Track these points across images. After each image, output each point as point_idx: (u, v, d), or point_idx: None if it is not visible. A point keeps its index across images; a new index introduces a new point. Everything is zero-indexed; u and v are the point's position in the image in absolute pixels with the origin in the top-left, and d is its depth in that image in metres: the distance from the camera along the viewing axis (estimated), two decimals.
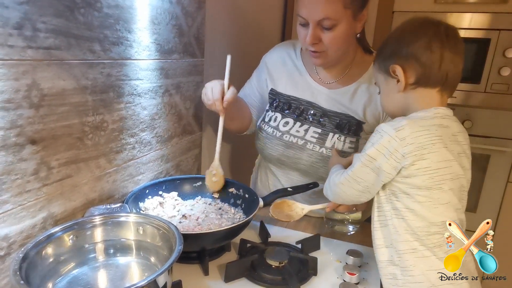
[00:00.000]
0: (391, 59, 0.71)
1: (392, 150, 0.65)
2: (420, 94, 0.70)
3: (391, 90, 0.74)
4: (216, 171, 0.96)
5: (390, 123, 0.68)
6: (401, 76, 0.70)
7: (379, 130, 0.69)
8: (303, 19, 0.88)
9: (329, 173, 0.81)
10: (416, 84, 0.70)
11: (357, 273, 0.75)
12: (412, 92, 0.71)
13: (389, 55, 0.72)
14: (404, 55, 0.69)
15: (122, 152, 0.85)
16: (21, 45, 0.58)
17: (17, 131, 0.59)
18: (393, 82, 0.72)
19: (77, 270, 0.65)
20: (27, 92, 0.60)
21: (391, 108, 0.76)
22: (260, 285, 0.73)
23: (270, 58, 1.09)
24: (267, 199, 0.92)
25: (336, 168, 0.81)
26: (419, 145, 0.64)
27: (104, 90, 0.76)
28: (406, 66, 0.69)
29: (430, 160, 0.64)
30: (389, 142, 0.66)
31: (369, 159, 0.68)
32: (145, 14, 0.85)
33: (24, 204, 0.63)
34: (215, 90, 0.91)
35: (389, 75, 0.72)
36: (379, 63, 0.75)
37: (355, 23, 0.89)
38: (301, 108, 1.01)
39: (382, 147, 0.67)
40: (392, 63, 0.71)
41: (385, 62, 0.73)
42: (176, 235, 0.63)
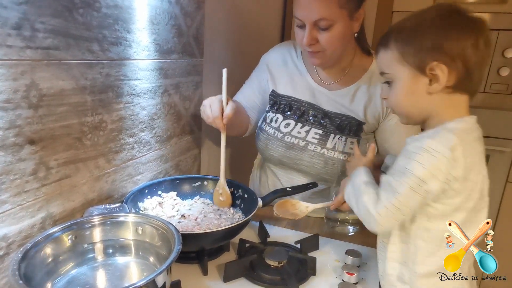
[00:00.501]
0: (431, 54, 0.59)
1: (446, 172, 0.57)
2: (453, 99, 0.61)
3: (417, 89, 0.62)
4: (222, 190, 0.94)
5: (437, 139, 0.59)
6: (443, 77, 0.59)
7: (427, 148, 0.58)
8: (300, 21, 0.88)
9: (354, 179, 0.70)
10: (453, 88, 0.60)
11: (356, 273, 0.75)
12: (443, 96, 0.61)
13: (429, 48, 0.59)
14: (450, 52, 0.58)
15: (121, 152, 0.85)
16: (20, 45, 0.58)
17: (16, 131, 0.60)
18: (424, 80, 0.61)
19: (76, 270, 0.65)
20: (25, 92, 0.60)
21: (409, 109, 0.65)
22: (259, 285, 0.73)
23: (271, 58, 1.08)
24: (266, 199, 0.92)
25: (363, 177, 0.68)
26: (468, 166, 0.58)
27: (103, 90, 0.76)
28: (451, 66, 0.58)
29: (473, 181, 0.60)
30: (443, 163, 0.57)
31: (419, 182, 0.58)
32: (144, 14, 0.85)
33: (23, 204, 0.63)
34: (214, 107, 0.89)
35: (421, 71, 0.60)
36: (407, 54, 0.62)
37: (351, 22, 0.89)
38: (302, 110, 1.01)
39: (436, 170, 0.57)
40: (432, 59, 0.59)
41: (420, 55, 0.60)
42: (175, 235, 0.63)
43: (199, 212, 0.90)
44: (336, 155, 0.97)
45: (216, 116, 0.88)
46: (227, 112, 0.88)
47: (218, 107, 0.88)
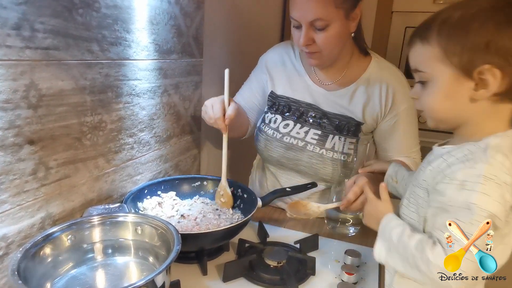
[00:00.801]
0: (483, 55, 0.50)
1: (510, 201, 0.51)
2: (498, 109, 0.54)
3: (459, 93, 0.54)
4: (223, 191, 0.94)
5: (493, 163, 0.51)
6: (493, 83, 0.51)
7: (489, 176, 0.50)
8: (296, 21, 0.88)
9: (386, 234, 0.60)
10: (501, 96, 0.52)
11: (355, 273, 0.75)
12: (488, 104, 0.53)
13: (480, 48, 0.50)
14: (506, 54, 0.50)
15: (120, 152, 0.85)
16: (19, 46, 0.58)
17: (15, 131, 0.60)
18: (469, 85, 0.53)
19: (76, 270, 0.65)
20: (25, 92, 0.60)
21: (444, 114, 0.57)
22: (258, 285, 0.73)
23: (270, 59, 1.09)
24: (265, 199, 0.93)
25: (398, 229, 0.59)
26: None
27: (103, 90, 0.77)
28: (506, 70, 0.50)
29: None
30: (508, 192, 0.51)
31: (497, 221, 0.51)
32: (144, 15, 0.85)
33: (23, 204, 0.63)
34: (215, 108, 0.88)
35: (467, 74, 0.52)
36: (451, 52, 0.52)
37: (348, 22, 0.89)
38: (301, 110, 1.01)
39: (504, 200, 0.50)
40: (484, 61, 0.50)
41: (468, 55, 0.51)
42: (175, 235, 0.63)
43: (198, 212, 0.90)
44: (335, 155, 0.97)
45: (218, 117, 0.88)
46: (229, 113, 0.88)
47: (220, 108, 0.88)
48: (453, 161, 0.55)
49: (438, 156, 0.59)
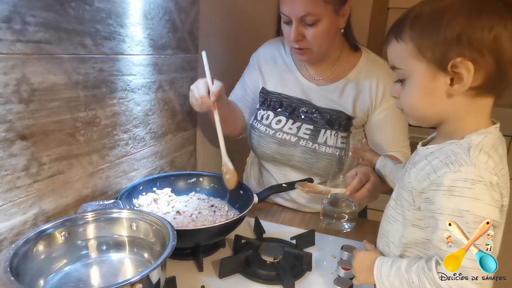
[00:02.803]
0: (455, 47, 0.49)
1: (501, 200, 0.50)
2: (477, 103, 0.52)
3: (436, 89, 0.53)
4: (226, 168, 0.93)
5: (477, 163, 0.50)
6: (467, 76, 0.49)
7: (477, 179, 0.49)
8: (286, 17, 0.88)
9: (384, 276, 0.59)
10: (478, 90, 0.51)
11: (351, 268, 0.75)
12: (465, 99, 0.52)
13: (452, 40, 0.49)
14: (479, 45, 0.48)
15: (115, 148, 0.84)
16: (10, 39, 0.57)
17: (7, 126, 0.59)
18: (444, 79, 0.51)
19: (70, 266, 0.64)
20: (16, 86, 0.59)
21: (425, 111, 0.56)
22: (254, 281, 0.73)
23: (260, 56, 1.09)
24: (261, 195, 0.92)
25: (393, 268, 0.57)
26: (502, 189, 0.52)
27: (96, 85, 0.76)
28: (479, 62, 0.48)
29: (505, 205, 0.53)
30: (496, 192, 0.50)
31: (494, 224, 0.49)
32: (138, 9, 0.84)
33: (15, 201, 0.62)
34: (200, 87, 0.90)
35: (441, 68, 0.51)
36: (424, 47, 0.51)
37: (337, 18, 0.89)
38: (293, 106, 1.01)
39: (496, 202, 0.50)
40: (456, 54, 0.49)
41: (441, 49, 0.50)
42: (170, 231, 0.63)
43: (194, 208, 0.90)
44: (327, 150, 0.97)
45: (203, 95, 0.89)
46: (212, 89, 0.88)
47: (204, 86, 0.89)
48: (437, 164, 0.53)
49: (422, 157, 0.58)
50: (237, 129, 1.14)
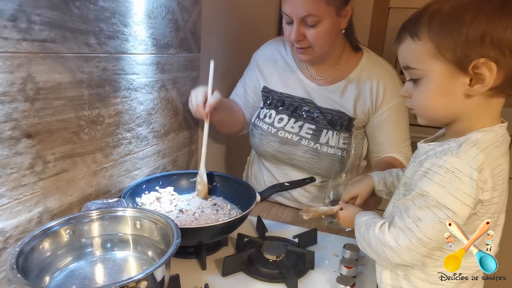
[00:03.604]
0: (478, 48, 0.47)
1: (474, 196, 0.50)
2: (491, 104, 0.52)
3: (453, 89, 0.51)
4: (200, 178, 0.95)
5: (462, 157, 0.50)
6: (489, 77, 0.48)
7: (450, 168, 0.50)
8: (288, 16, 0.89)
9: (359, 226, 0.64)
10: (495, 91, 0.50)
11: (353, 266, 0.76)
12: (482, 99, 0.51)
13: (475, 40, 0.47)
14: (502, 45, 0.47)
15: (118, 147, 0.84)
16: (16, 38, 0.57)
17: (12, 125, 0.59)
18: (464, 80, 0.50)
19: (74, 264, 0.65)
20: (22, 85, 0.59)
21: (438, 111, 0.55)
22: (257, 279, 0.73)
23: (261, 56, 1.09)
24: (264, 194, 0.92)
25: (369, 220, 0.63)
26: (494, 187, 0.52)
27: (100, 84, 0.76)
28: (501, 63, 0.47)
29: (497, 202, 0.54)
30: (472, 187, 0.49)
31: (449, 214, 0.50)
32: (141, 8, 0.84)
33: (20, 199, 0.62)
34: (198, 96, 0.92)
35: (462, 69, 0.49)
36: (444, 47, 0.49)
37: (339, 19, 0.90)
38: (295, 105, 1.02)
39: (463, 195, 0.49)
40: (479, 54, 0.48)
41: (462, 49, 0.48)
42: (174, 229, 0.63)
43: (196, 207, 0.90)
44: (329, 150, 0.97)
45: (198, 104, 0.91)
46: (209, 100, 0.91)
47: (202, 95, 0.92)
48: (431, 155, 0.55)
49: (422, 153, 0.58)
50: (237, 129, 1.15)
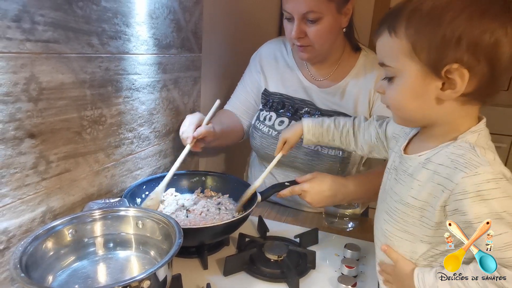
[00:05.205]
0: (453, 51, 0.45)
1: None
2: (465, 110, 0.51)
3: (425, 92, 0.50)
4: (155, 195, 0.88)
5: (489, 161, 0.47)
6: (461, 84, 0.47)
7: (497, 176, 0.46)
8: (288, 13, 0.89)
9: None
10: (468, 97, 0.48)
11: (355, 266, 0.76)
12: (455, 105, 0.50)
13: (450, 43, 0.45)
14: (477, 50, 0.44)
15: (120, 147, 0.85)
16: (20, 38, 0.57)
17: (16, 125, 0.59)
18: (436, 84, 0.48)
19: (77, 263, 0.65)
20: (25, 85, 0.59)
21: (412, 113, 0.53)
22: (259, 279, 0.74)
23: (261, 56, 1.09)
24: (265, 193, 0.92)
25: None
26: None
27: (103, 84, 0.76)
28: (474, 70, 0.46)
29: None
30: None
31: None
32: (143, 8, 0.84)
33: (23, 198, 0.62)
34: (189, 127, 0.92)
35: (434, 71, 0.47)
36: (420, 47, 0.47)
37: (339, 16, 0.90)
38: (295, 107, 1.02)
39: None
40: (453, 59, 0.46)
41: (437, 51, 0.46)
42: (176, 228, 0.63)
43: (202, 206, 0.90)
44: (330, 152, 0.98)
45: (186, 137, 0.92)
46: (196, 133, 0.91)
47: (192, 129, 0.91)
48: (445, 171, 0.50)
49: (419, 167, 0.55)
50: (234, 142, 1.15)
